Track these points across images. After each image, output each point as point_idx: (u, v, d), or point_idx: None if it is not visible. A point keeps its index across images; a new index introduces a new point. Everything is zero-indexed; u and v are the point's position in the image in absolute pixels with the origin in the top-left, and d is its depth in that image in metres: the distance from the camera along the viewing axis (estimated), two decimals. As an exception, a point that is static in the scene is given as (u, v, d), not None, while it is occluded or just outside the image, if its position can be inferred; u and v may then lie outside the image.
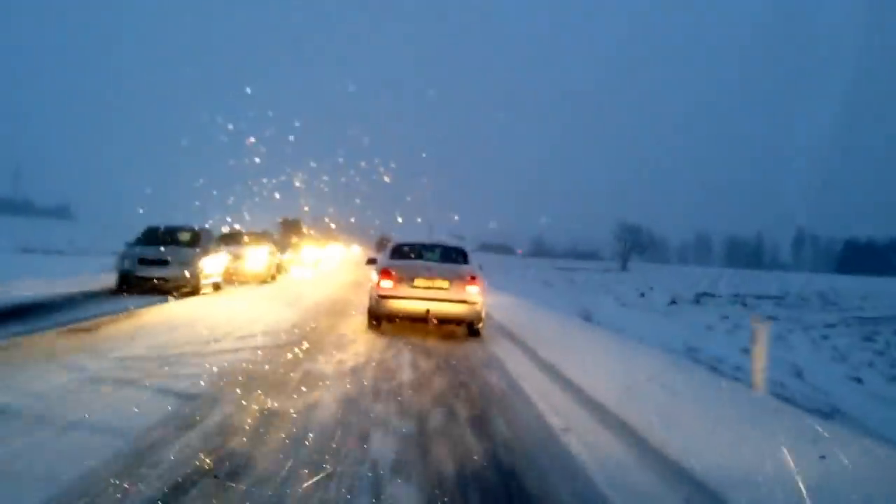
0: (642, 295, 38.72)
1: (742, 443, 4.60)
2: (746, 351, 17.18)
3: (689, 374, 8.48)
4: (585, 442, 4.91)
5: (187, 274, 13.71)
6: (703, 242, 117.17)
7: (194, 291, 13.90)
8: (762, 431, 4.87)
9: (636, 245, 76.46)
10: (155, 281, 13.47)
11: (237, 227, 21.75)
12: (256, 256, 18.50)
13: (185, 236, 14.96)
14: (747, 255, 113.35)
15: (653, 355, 10.02)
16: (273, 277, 20.73)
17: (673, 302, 35.26)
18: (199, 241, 14.79)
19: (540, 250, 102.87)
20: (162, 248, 13.86)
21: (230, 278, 17.83)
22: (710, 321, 26.22)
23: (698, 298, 38.06)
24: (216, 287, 15.73)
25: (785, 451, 4.17)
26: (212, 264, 15.00)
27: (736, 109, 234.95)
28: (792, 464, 3.96)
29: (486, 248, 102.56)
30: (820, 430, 4.91)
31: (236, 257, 18.14)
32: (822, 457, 4.26)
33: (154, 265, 13.49)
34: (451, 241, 12.43)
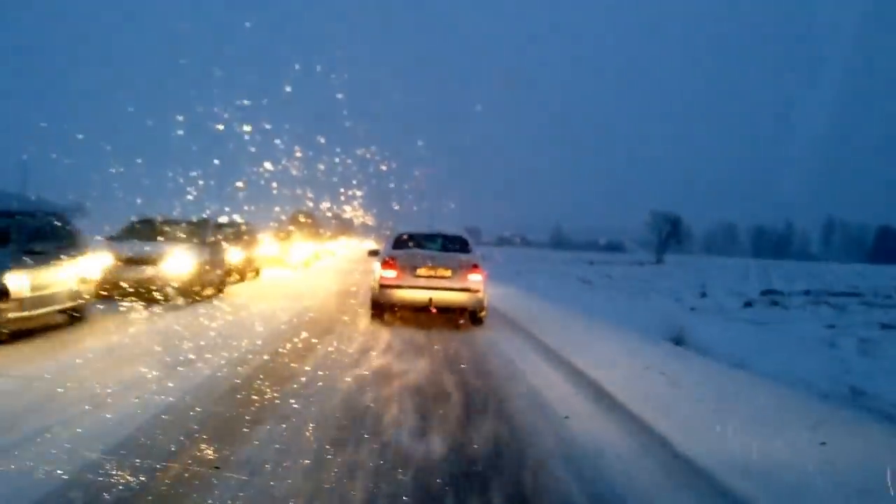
0: (703, 295, 31.08)
1: None
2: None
3: None
4: None
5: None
6: (729, 232, 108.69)
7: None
8: None
9: (671, 236, 67.72)
10: None
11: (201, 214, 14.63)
12: (176, 260, 11.10)
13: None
14: (774, 244, 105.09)
15: None
16: (219, 289, 13.35)
17: (748, 304, 27.62)
18: (9, 237, 7.37)
19: (560, 242, 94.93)
20: None
21: (151, 293, 10.57)
22: (816, 332, 18.75)
23: (773, 299, 30.35)
24: (74, 316, 8.45)
25: None
26: (46, 279, 7.63)
27: (759, 96, 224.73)
28: None
29: (502, 241, 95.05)
30: None
31: (136, 261, 10.80)
32: None
33: None
34: (453, 230, 11.82)
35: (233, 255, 15.82)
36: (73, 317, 8.49)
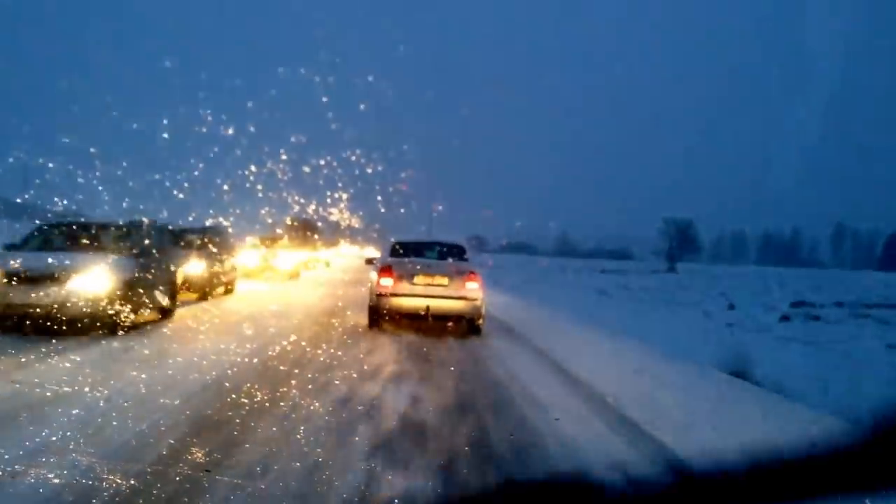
0: (731, 307, 28.07)
1: None
2: None
3: None
4: None
5: None
6: (737, 240, 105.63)
7: None
8: None
9: (683, 243, 64.21)
10: None
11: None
12: (89, 276, 8.10)
13: None
14: (783, 252, 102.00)
15: None
16: (163, 312, 10.31)
17: (784, 318, 24.61)
18: None
19: (566, 250, 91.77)
20: None
21: (52, 322, 7.59)
22: (880, 353, 15.89)
23: (809, 312, 27.28)
24: None
25: None
26: None
27: (767, 102, 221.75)
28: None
29: (507, 248, 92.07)
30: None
31: (32, 279, 7.81)
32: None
33: None
34: (450, 239, 11.88)
35: (192, 267, 12.83)
36: None
